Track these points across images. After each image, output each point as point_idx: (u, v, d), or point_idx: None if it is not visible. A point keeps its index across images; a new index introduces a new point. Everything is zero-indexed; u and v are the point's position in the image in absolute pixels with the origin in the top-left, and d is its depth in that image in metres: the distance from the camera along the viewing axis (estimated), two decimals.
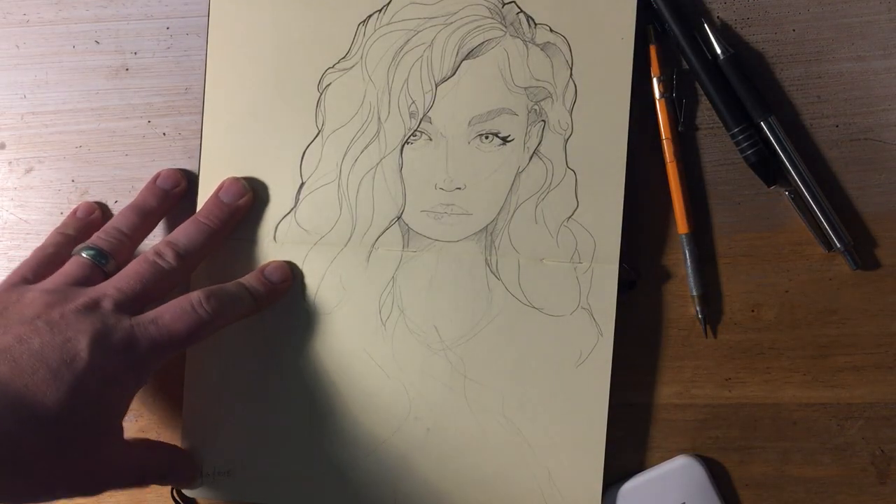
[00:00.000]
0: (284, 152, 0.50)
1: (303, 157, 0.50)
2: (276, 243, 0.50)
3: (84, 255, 0.46)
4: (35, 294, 0.44)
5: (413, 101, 0.49)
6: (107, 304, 0.44)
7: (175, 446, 0.51)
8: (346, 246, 0.50)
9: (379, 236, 0.50)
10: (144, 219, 0.49)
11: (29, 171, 0.53)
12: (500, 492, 0.50)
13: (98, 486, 0.44)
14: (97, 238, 0.47)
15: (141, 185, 0.52)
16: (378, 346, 0.50)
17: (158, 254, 0.46)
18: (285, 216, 0.50)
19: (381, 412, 0.50)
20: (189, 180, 0.51)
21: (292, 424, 0.51)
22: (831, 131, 0.50)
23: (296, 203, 0.50)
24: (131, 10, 0.52)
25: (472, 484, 0.50)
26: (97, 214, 0.51)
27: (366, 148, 0.50)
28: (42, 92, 0.53)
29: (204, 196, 0.50)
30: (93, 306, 0.43)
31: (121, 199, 0.52)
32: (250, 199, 0.50)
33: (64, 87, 0.52)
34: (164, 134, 0.52)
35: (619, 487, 0.50)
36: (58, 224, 0.52)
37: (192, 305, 0.45)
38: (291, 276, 0.50)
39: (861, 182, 0.50)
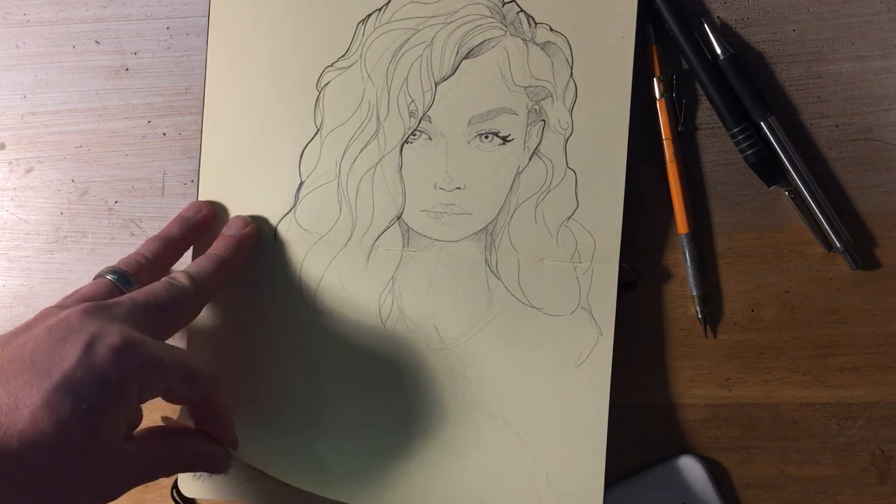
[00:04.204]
0: (283, 151, 0.50)
1: (301, 155, 0.50)
2: (275, 242, 0.50)
3: (108, 277, 0.46)
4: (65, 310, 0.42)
5: (412, 101, 0.49)
6: (116, 310, 0.42)
7: (200, 433, 0.47)
8: (345, 246, 0.50)
9: (379, 236, 0.50)
10: (166, 246, 0.49)
11: (29, 171, 0.53)
12: (500, 492, 0.50)
13: (114, 491, 0.42)
14: (121, 262, 0.47)
15: (141, 185, 0.52)
16: (378, 346, 0.50)
17: (171, 277, 0.46)
18: (285, 215, 0.50)
19: (381, 412, 0.50)
20: (212, 209, 0.51)
21: (291, 425, 0.50)
22: (831, 131, 0.50)
23: (295, 202, 0.50)
24: (131, 10, 0.52)
25: (471, 485, 0.50)
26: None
27: (365, 147, 0.50)
28: (42, 92, 0.53)
29: (203, 194, 0.51)
30: (100, 308, 0.42)
31: (121, 199, 0.52)
32: (254, 228, 0.50)
33: (64, 87, 0.53)
34: (164, 134, 0.52)
35: (619, 487, 0.50)
36: (57, 225, 0.52)
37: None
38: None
39: (861, 182, 0.50)
